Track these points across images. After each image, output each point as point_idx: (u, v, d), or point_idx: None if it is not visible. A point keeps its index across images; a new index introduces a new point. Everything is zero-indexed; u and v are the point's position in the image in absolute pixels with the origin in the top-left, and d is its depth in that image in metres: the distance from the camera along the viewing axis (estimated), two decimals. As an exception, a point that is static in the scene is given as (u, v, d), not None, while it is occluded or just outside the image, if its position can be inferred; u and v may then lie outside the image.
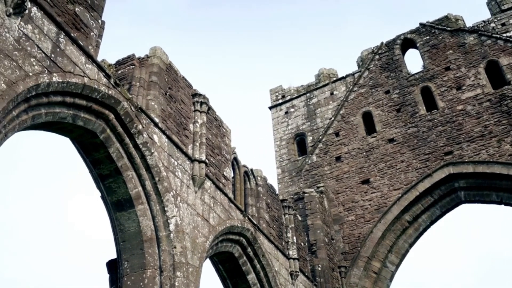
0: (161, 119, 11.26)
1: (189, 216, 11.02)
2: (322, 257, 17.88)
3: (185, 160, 11.67)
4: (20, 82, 7.58)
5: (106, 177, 10.26)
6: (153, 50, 12.07)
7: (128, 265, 10.00)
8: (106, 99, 9.51)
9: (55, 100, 8.61)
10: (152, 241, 10.17)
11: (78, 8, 9.59)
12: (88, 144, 9.96)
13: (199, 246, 11.05)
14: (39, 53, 8.18)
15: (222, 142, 13.77)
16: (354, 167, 21.85)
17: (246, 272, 13.74)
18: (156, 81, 11.57)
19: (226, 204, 12.87)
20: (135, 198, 10.26)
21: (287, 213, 16.63)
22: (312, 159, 23.23)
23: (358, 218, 20.45)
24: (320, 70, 26.46)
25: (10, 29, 7.71)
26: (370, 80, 23.96)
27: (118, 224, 10.32)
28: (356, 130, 22.86)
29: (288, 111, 26.01)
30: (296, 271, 15.45)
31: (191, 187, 11.54)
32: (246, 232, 13.37)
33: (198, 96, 12.94)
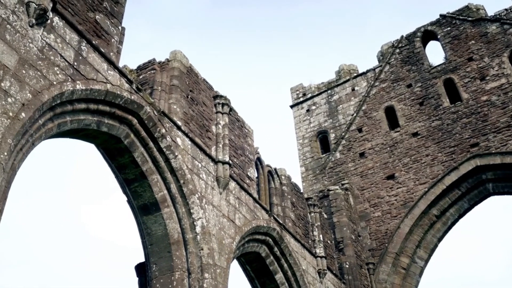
0: (184, 122, 11.32)
1: (215, 218, 11.07)
2: (349, 255, 17.77)
3: (209, 162, 11.72)
4: (45, 91, 7.71)
5: (131, 181, 10.37)
6: (173, 54, 12.15)
7: (156, 268, 10.09)
8: (129, 104, 9.60)
9: (80, 108, 8.73)
10: (179, 244, 10.24)
11: (99, 16, 9.71)
12: (113, 150, 10.08)
13: (226, 247, 11.09)
14: (62, 62, 8.30)
15: (245, 142, 13.79)
16: (378, 163, 21.66)
17: (274, 272, 13.73)
18: (177, 84, 11.65)
19: (251, 204, 12.89)
20: (161, 202, 10.35)
21: (312, 211, 16.58)
22: (335, 156, 23.10)
23: (385, 214, 20.27)
24: (340, 67, 26.30)
25: (34, 40, 7.84)
26: (391, 74, 23.73)
27: (145, 227, 10.42)
28: (379, 125, 22.66)
29: (309, 109, 25.92)
30: (324, 269, 15.39)
31: (215, 188, 11.58)
32: (272, 232, 13.36)
33: (220, 97, 12.99)
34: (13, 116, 7.00)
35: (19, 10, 7.77)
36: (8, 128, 6.86)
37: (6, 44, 7.31)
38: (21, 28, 7.70)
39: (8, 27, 7.46)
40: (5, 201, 7.07)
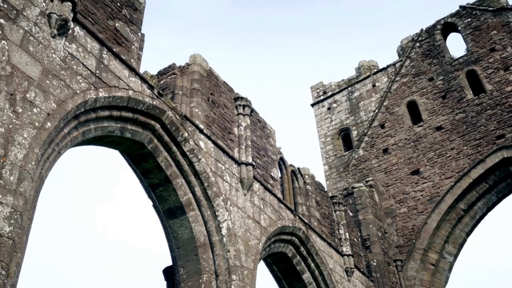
0: (206, 125, 11.38)
1: (240, 219, 11.09)
2: (376, 252, 17.63)
3: (232, 164, 11.75)
4: (69, 100, 7.82)
5: (156, 186, 10.47)
6: (193, 58, 12.22)
7: (184, 271, 10.16)
8: (151, 109, 9.69)
9: (103, 115, 8.85)
10: (206, 246, 10.29)
11: (118, 24, 9.81)
12: (137, 155, 10.19)
13: (252, 248, 11.10)
14: (85, 71, 8.42)
15: (267, 143, 13.79)
16: (402, 158, 21.45)
17: (301, 272, 13.70)
18: (198, 88, 11.71)
19: (275, 204, 12.88)
20: (186, 205, 10.42)
21: (337, 210, 16.49)
22: (358, 153, 22.95)
23: (411, 210, 20.06)
24: (360, 63, 26.13)
25: (56, 50, 7.97)
26: (412, 69, 23.48)
27: (172, 231, 10.50)
28: (401, 120, 22.45)
29: (330, 106, 25.80)
30: (351, 268, 15.30)
31: (240, 190, 11.61)
32: (297, 232, 13.33)
33: (240, 99, 13.01)
34: (39, 126, 7.12)
35: (41, 21, 7.91)
36: (35, 138, 6.98)
37: (29, 56, 7.45)
38: (44, 39, 7.83)
39: (31, 39, 7.59)
40: (34, 209, 7.20)
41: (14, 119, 6.77)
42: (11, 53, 7.15)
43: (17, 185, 6.45)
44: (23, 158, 6.67)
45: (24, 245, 6.68)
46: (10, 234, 6.12)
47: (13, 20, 7.44)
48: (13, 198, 6.32)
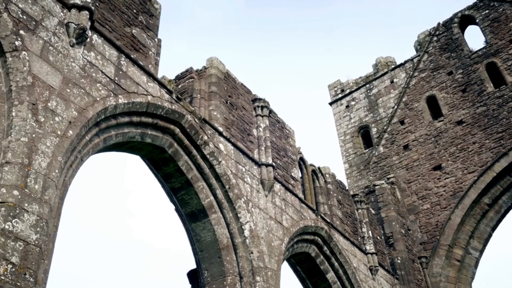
0: (225, 127, 11.41)
1: (262, 221, 11.09)
2: (400, 249, 17.49)
3: (252, 165, 11.77)
4: (90, 108, 7.92)
5: (178, 190, 10.54)
6: (210, 61, 12.27)
7: (208, 274, 10.19)
8: (170, 114, 9.76)
9: (123, 121, 8.94)
10: (229, 249, 10.31)
11: (135, 30, 9.91)
12: (158, 160, 10.27)
13: (275, 249, 11.10)
14: (104, 78, 8.52)
15: (286, 143, 13.78)
16: (423, 154, 21.24)
17: (325, 271, 13.65)
18: (216, 91, 11.76)
19: (297, 204, 12.86)
20: (208, 208, 10.46)
21: (359, 208, 16.40)
22: (379, 151, 22.80)
23: (434, 206, 19.85)
24: (377, 60, 25.95)
25: (75, 59, 8.08)
26: (430, 63, 23.24)
27: (194, 234, 10.55)
28: (421, 116, 22.23)
29: (349, 104, 25.66)
30: (376, 266, 15.19)
31: (261, 191, 11.62)
32: (320, 231, 13.29)
33: (258, 100, 13.03)
34: (61, 134, 7.22)
35: (60, 31, 8.03)
36: (58, 146, 7.08)
37: (50, 65, 7.56)
38: (63, 49, 7.94)
39: (50, 49, 7.71)
40: (59, 217, 7.30)
41: (37, 128, 6.88)
42: (31, 64, 7.27)
43: (42, 193, 6.55)
44: (47, 166, 6.78)
45: (51, 252, 6.78)
46: (37, 242, 6.22)
47: (33, 31, 7.57)
48: (38, 206, 6.42)
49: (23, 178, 6.40)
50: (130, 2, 10.10)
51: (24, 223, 6.16)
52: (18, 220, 6.10)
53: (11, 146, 6.52)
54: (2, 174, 6.29)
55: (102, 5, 9.30)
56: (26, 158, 6.54)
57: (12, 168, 6.37)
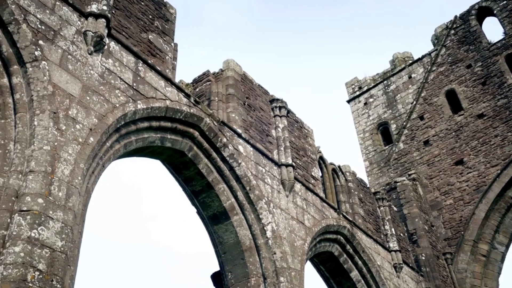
0: (244, 129, 11.43)
1: (284, 221, 11.08)
2: (424, 246, 17.32)
3: (272, 166, 11.76)
4: (109, 114, 8.01)
5: (199, 193, 10.58)
6: (226, 63, 12.31)
7: (232, 276, 10.21)
8: (189, 118, 9.81)
9: (143, 126, 9.01)
10: (252, 250, 10.32)
11: (151, 36, 9.98)
12: (178, 164, 10.33)
13: (298, 249, 11.08)
14: (122, 84, 8.60)
15: (305, 143, 13.75)
16: (444, 149, 21.01)
17: (349, 270, 13.58)
18: (233, 93, 11.78)
19: (318, 204, 12.82)
20: (230, 210, 10.49)
21: (381, 205, 16.28)
22: (399, 147, 22.61)
23: (457, 201, 19.62)
24: (394, 55, 25.75)
25: (94, 66, 8.17)
26: (448, 57, 22.98)
27: (217, 237, 10.58)
28: (441, 110, 21.99)
29: (367, 101, 25.50)
30: (400, 263, 15.06)
31: (281, 192, 11.61)
32: (342, 230, 13.23)
33: (276, 101, 13.02)
34: (83, 142, 7.31)
35: (78, 39, 8.13)
36: (79, 154, 7.17)
37: (69, 74, 7.66)
38: (81, 57, 8.04)
39: (69, 58, 7.81)
40: (83, 223, 7.39)
41: (59, 136, 6.97)
42: (51, 73, 7.38)
43: (66, 200, 6.64)
44: (69, 173, 6.86)
45: (76, 258, 6.86)
46: (63, 248, 6.30)
47: (51, 40, 7.68)
48: (63, 213, 6.50)
49: (47, 186, 6.49)
50: (145, 8, 10.18)
51: (50, 230, 6.24)
52: (44, 228, 6.19)
53: (34, 155, 6.62)
54: (27, 183, 6.40)
55: (118, 12, 9.39)
56: (49, 166, 6.63)
57: (36, 177, 6.46)
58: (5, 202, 6.26)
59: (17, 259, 5.82)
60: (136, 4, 9.98)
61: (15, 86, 7.14)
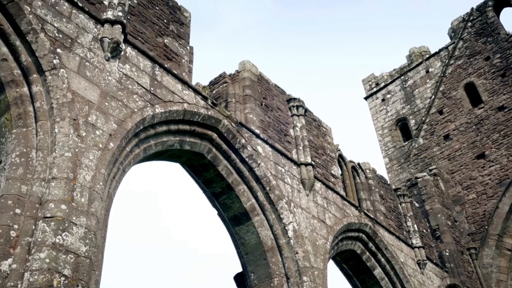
0: (262, 129, 11.43)
1: (305, 220, 11.05)
2: (448, 242, 17.13)
3: (291, 165, 11.74)
4: (128, 119, 8.07)
5: (219, 194, 10.61)
6: (242, 64, 12.32)
7: (255, 277, 10.21)
8: (207, 120, 9.84)
9: (161, 130, 9.07)
10: (274, 250, 10.31)
11: (167, 40, 10.04)
12: (198, 166, 10.37)
13: (320, 248, 11.04)
14: (140, 89, 8.66)
15: (324, 141, 13.70)
16: (465, 143, 20.76)
17: (372, 268, 13.48)
18: (250, 93, 11.79)
19: (339, 202, 12.76)
20: (250, 211, 10.49)
21: (403, 202, 16.14)
22: (418, 142, 22.40)
23: (480, 195, 19.36)
24: (410, 50, 25.53)
25: (111, 72, 8.24)
26: (466, 50, 22.71)
27: (239, 238, 10.59)
28: (460, 104, 21.74)
29: (384, 98, 25.32)
30: (423, 260, 14.91)
31: (302, 191, 11.58)
32: (364, 227, 13.15)
33: (293, 100, 13.00)
34: (103, 147, 7.38)
35: (95, 46, 8.21)
36: (100, 159, 7.24)
37: (87, 81, 7.74)
38: (99, 63, 8.12)
39: (87, 64, 7.89)
40: (106, 228, 7.46)
41: (79, 143, 7.05)
42: (70, 80, 7.46)
43: (88, 206, 6.71)
44: (91, 179, 6.93)
45: (101, 263, 6.93)
46: (87, 254, 6.36)
47: (69, 48, 7.77)
48: (86, 218, 6.57)
49: (70, 192, 6.57)
50: (160, 13, 10.25)
51: (74, 236, 6.31)
52: (68, 234, 6.26)
53: (56, 162, 6.70)
54: (50, 190, 6.48)
55: (134, 17, 9.47)
56: (71, 173, 6.70)
57: (58, 183, 6.54)
58: (29, 209, 6.34)
59: (43, 265, 5.90)
60: (151, 9, 10.05)
61: (35, 95, 7.23)
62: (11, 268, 5.89)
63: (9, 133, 7.00)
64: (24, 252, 6.02)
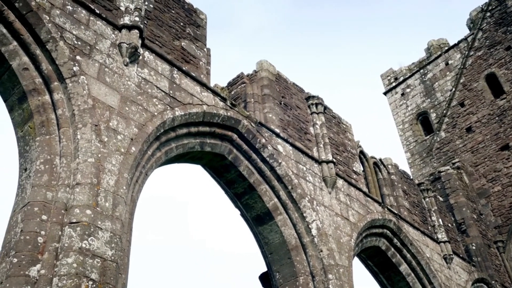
0: (281, 128, 11.41)
1: (329, 218, 11.01)
2: (474, 235, 16.89)
3: (312, 163, 11.70)
4: (149, 123, 8.13)
5: (241, 195, 10.62)
6: (260, 64, 12.32)
7: (280, 276, 10.20)
8: (226, 121, 9.87)
9: (182, 133, 9.12)
10: (298, 249, 10.28)
11: (184, 42, 10.09)
12: (219, 167, 10.39)
13: (345, 245, 10.98)
14: (159, 93, 8.72)
15: (344, 138, 13.63)
16: (488, 135, 20.46)
17: (397, 264, 13.36)
18: (269, 93, 11.78)
19: (362, 199, 12.68)
20: (273, 210, 10.48)
21: (426, 196, 15.96)
22: (440, 136, 22.14)
23: (505, 187, 19.06)
24: (429, 43, 25.24)
25: (130, 77, 8.31)
26: (486, 40, 22.38)
27: (262, 237, 10.59)
28: (482, 95, 21.43)
29: (404, 92, 25.09)
30: (450, 254, 14.73)
31: (324, 189, 11.53)
32: (388, 223, 13.04)
33: (312, 98, 12.95)
34: (125, 152, 7.45)
35: (113, 52, 8.29)
36: (123, 164, 7.30)
37: (107, 86, 7.82)
38: (118, 69, 8.19)
39: (106, 70, 7.97)
40: (131, 231, 7.52)
41: (102, 148, 7.12)
42: (90, 87, 7.55)
43: (113, 210, 6.77)
44: (114, 184, 7.00)
45: (127, 266, 6.99)
46: (113, 257, 6.43)
47: (88, 55, 7.86)
48: (111, 223, 6.64)
49: (94, 197, 6.64)
50: (176, 16, 10.30)
51: (99, 240, 6.38)
52: (94, 238, 6.33)
53: (79, 168, 6.78)
54: (74, 195, 6.56)
55: (150, 22, 9.53)
56: (94, 178, 6.78)
57: (82, 189, 6.62)
58: (55, 215, 6.43)
59: (71, 270, 5.98)
60: (167, 13, 10.11)
61: (56, 102, 7.33)
62: (40, 273, 5.98)
63: (33, 141, 7.11)
64: (52, 258, 6.10)
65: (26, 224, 6.25)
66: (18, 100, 7.36)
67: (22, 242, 6.10)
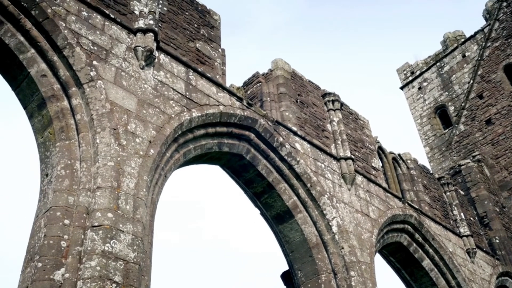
0: (299, 126, 11.39)
1: (349, 215, 10.95)
2: (497, 228, 16.67)
3: (331, 160, 11.65)
4: (166, 125, 8.17)
5: (260, 194, 10.61)
6: (275, 63, 12.31)
7: (301, 274, 10.18)
8: (243, 121, 9.87)
9: (199, 134, 9.14)
10: (319, 246, 10.25)
11: (198, 44, 10.12)
12: (237, 167, 10.40)
13: (366, 242, 10.91)
14: (175, 94, 8.76)
15: (362, 134, 13.55)
16: (509, 126, 20.17)
17: (420, 259, 13.24)
18: (285, 91, 11.76)
19: (382, 194, 12.59)
20: (293, 208, 10.46)
21: (447, 191, 15.80)
22: (459, 129, 21.90)
23: (528, 179, 18.78)
24: (445, 36, 24.98)
25: (147, 80, 8.37)
26: (503, 31, 22.07)
27: (283, 236, 10.58)
28: (500, 87, 21.14)
29: (421, 86, 24.86)
30: (473, 248, 14.56)
31: (343, 185, 11.47)
32: (409, 219, 12.93)
33: (328, 95, 12.90)
34: (144, 155, 7.50)
35: (129, 56, 8.35)
36: (142, 166, 7.35)
37: (124, 90, 7.88)
38: (134, 72, 8.25)
39: (123, 74, 8.03)
40: (152, 233, 7.56)
41: (121, 152, 7.18)
42: (107, 91, 7.61)
43: (134, 212, 6.82)
44: (134, 186, 7.05)
45: (149, 268, 7.03)
46: (136, 260, 6.47)
47: (104, 60, 7.92)
48: (132, 225, 6.68)
49: (115, 201, 6.70)
50: (190, 18, 10.34)
51: (122, 243, 6.43)
52: (116, 241, 6.38)
53: (99, 172, 6.84)
54: (95, 199, 6.62)
55: (165, 24, 9.58)
56: (114, 181, 6.83)
57: (103, 192, 6.68)
58: (78, 219, 6.49)
59: (94, 273, 6.03)
60: (181, 15, 10.15)
61: (75, 108, 7.40)
62: (64, 277, 6.04)
63: (53, 146, 7.19)
64: (75, 261, 6.17)
65: (49, 228, 6.32)
66: (37, 107, 7.45)
67: (46, 247, 6.16)
